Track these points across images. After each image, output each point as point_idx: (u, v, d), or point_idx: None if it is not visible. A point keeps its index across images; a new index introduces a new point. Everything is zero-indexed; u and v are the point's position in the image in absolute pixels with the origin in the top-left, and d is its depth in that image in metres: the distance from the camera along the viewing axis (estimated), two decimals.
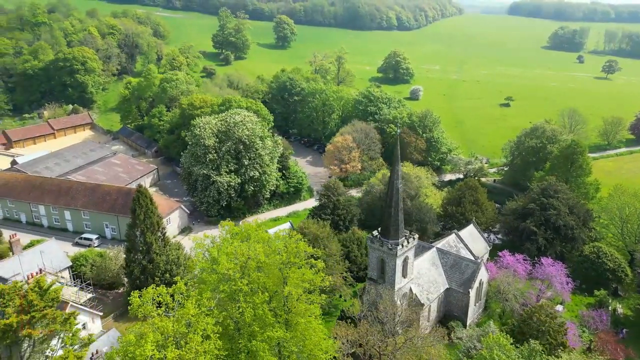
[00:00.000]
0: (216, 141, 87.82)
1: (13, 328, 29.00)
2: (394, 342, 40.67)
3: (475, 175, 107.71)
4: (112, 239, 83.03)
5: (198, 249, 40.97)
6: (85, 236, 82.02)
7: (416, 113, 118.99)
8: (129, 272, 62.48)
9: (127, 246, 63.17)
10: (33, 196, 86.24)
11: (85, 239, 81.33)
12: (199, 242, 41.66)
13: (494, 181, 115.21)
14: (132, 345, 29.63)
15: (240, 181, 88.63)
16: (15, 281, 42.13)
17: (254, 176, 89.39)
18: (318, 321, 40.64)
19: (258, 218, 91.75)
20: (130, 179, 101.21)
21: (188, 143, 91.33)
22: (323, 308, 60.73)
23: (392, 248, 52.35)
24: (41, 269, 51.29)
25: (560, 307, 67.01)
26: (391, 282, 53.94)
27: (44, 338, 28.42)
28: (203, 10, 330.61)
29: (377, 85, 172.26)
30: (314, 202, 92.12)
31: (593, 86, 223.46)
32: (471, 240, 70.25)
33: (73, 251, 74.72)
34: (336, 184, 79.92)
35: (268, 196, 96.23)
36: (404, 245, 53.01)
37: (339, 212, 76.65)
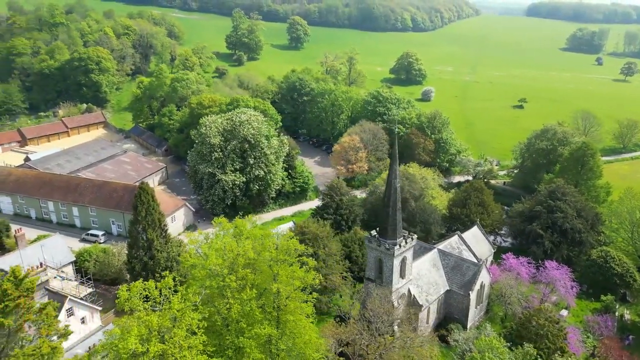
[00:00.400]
0: (222, 140, 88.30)
1: None
2: (384, 342, 40.26)
3: (484, 177, 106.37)
4: (118, 236, 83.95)
5: (191, 245, 41.14)
6: (91, 232, 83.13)
7: (425, 114, 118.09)
8: (131, 268, 63.09)
9: (130, 242, 63.84)
10: (42, 192, 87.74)
11: (91, 235, 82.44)
12: (192, 239, 41.84)
13: (504, 183, 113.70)
14: (117, 338, 29.88)
15: (245, 180, 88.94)
16: None
17: (259, 175, 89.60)
18: (309, 320, 40.38)
19: (261, 217, 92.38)
20: (138, 177, 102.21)
21: (194, 141, 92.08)
22: (322, 308, 60.74)
23: (390, 248, 51.89)
24: (42, 263, 52.07)
25: (565, 312, 65.74)
26: (389, 283, 53.44)
27: (18, 327, 28.76)
28: (218, 11, 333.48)
29: (389, 86, 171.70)
30: (320, 202, 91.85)
31: (610, 88, 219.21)
32: (475, 242, 69.26)
33: (80, 247, 75.79)
34: (339, 184, 79.65)
35: (274, 195, 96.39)
36: (402, 245, 52.50)
37: (342, 212, 76.36)
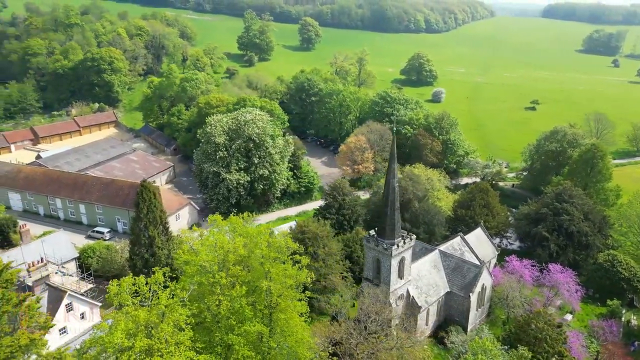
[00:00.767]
0: (226, 139, 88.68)
1: None
2: (374, 342, 39.85)
3: (492, 179, 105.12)
4: (124, 233, 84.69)
5: (185, 242, 41.29)
6: (97, 229, 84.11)
7: (433, 115, 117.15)
8: (132, 265, 63.63)
9: (132, 239, 64.41)
10: (50, 189, 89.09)
11: (97, 232, 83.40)
12: (187, 235, 41.98)
13: (513, 186, 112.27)
14: (104, 333, 30.07)
15: (249, 179, 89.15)
16: None
17: (264, 174, 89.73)
18: (302, 319, 40.17)
19: (266, 216, 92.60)
20: (146, 175, 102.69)
21: (200, 141, 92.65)
22: (321, 307, 60.39)
23: (387, 248, 51.45)
24: (42, 258, 52.75)
25: (569, 316, 64.55)
26: (386, 283, 53.01)
27: None
28: (231, 12, 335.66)
29: (399, 87, 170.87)
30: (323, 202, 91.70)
31: (626, 90, 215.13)
32: (478, 244, 68.36)
33: (85, 243, 76.65)
34: (342, 184, 79.32)
35: (279, 195, 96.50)
36: (400, 245, 52.03)
37: (344, 212, 76.01)
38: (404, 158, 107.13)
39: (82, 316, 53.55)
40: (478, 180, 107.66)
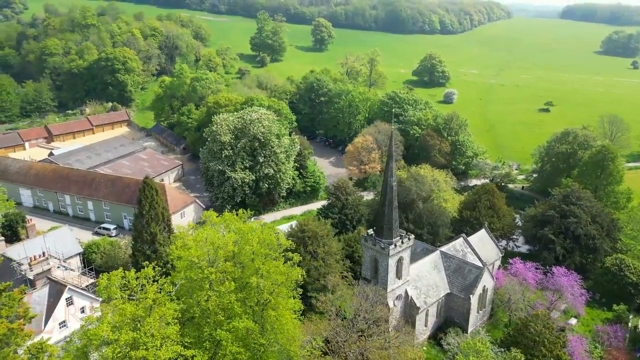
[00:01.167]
0: (232, 138, 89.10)
1: None
2: (364, 340, 39.52)
3: (501, 181, 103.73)
4: (130, 230, 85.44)
5: (179, 238, 41.51)
6: (104, 226, 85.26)
7: (442, 115, 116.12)
8: (135, 261, 64.20)
9: (134, 235, 65.01)
10: (60, 186, 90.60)
11: (104, 229, 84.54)
12: (181, 232, 42.19)
13: (522, 188, 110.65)
14: (90, 325, 30.39)
15: (254, 178, 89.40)
16: None
17: (269, 174, 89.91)
18: (293, 316, 40.02)
19: (269, 216, 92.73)
20: (154, 173, 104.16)
21: (207, 139, 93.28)
22: (320, 306, 60.11)
23: (385, 247, 51.05)
24: (44, 252, 53.63)
25: (574, 320, 63.30)
26: (384, 283, 52.59)
27: None
28: (246, 14, 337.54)
29: (410, 87, 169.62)
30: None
31: None
32: (481, 245, 67.43)
33: (91, 239, 77.71)
34: (345, 184, 79.04)
35: (284, 194, 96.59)
36: (398, 245, 51.59)
37: (347, 212, 75.71)
38: (412, 159, 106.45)
39: (82, 310, 54.20)
40: (487, 182, 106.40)
